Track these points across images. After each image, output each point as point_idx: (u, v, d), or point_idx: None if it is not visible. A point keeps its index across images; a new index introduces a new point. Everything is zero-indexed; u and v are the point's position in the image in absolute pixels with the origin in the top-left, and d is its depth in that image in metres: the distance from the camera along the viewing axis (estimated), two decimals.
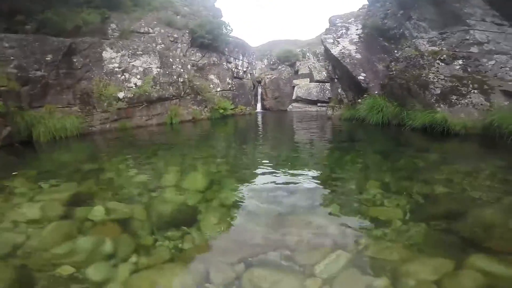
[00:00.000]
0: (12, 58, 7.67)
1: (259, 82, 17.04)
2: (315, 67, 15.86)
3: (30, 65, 8.01)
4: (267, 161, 4.57)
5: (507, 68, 5.87)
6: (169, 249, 1.98)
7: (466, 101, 6.11)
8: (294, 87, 16.13)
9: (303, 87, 15.54)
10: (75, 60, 8.93)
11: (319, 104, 14.93)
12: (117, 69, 9.49)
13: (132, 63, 9.76)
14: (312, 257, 1.82)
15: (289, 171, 3.81)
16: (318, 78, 15.46)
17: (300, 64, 16.69)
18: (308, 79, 15.96)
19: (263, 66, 18.19)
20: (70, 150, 6.31)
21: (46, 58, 8.35)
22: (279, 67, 17.32)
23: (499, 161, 4.09)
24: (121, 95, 9.32)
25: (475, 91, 6.03)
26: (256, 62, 17.48)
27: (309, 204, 2.71)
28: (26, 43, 8.07)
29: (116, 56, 9.56)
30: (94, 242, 2.08)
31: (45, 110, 8.19)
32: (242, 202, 2.79)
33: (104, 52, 9.39)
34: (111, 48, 9.52)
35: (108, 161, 4.82)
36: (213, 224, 2.35)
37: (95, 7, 9.52)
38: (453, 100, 6.25)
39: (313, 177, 3.57)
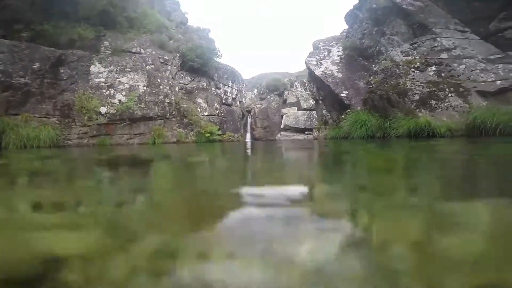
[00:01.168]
0: None
1: (249, 111, 17.34)
2: (302, 95, 16.36)
3: (15, 71, 7.95)
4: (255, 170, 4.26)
5: (478, 71, 6.05)
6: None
7: (445, 104, 6.13)
8: (282, 116, 16.40)
9: (291, 115, 15.80)
10: (62, 71, 8.95)
11: (306, 132, 15.01)
12: (102, 84, 9.54)
13: (119, 79, 9.86)
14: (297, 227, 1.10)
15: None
16: (305, 106, 15.83)
17: (288, 93, 17.25)
18: (296, 107, 16.33)
19: (253, 96, 18.74)
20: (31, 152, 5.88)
21: (33, 66, 8.32)
22: (268, 96, 17.86)
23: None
24: (103, 110, 9.19)
25: (452, 94, 6.09)
26: (246, 92, 18.01)
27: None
28: (17, 50, 8.07)
29: (104, 71, 9.69)
30: None
31: (21, 118, 7.96)
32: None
33: (92, 66, 9.53)
34: (100, 63, 9.69)
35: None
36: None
37: (92, 24, 9.90)
38: (433, 105, 6.27)
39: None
